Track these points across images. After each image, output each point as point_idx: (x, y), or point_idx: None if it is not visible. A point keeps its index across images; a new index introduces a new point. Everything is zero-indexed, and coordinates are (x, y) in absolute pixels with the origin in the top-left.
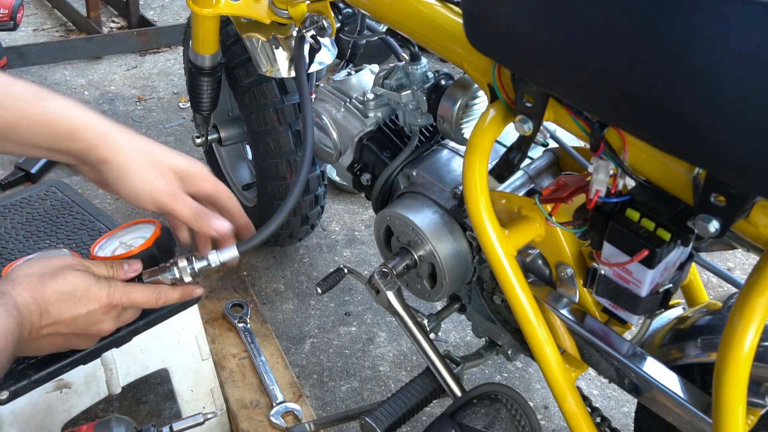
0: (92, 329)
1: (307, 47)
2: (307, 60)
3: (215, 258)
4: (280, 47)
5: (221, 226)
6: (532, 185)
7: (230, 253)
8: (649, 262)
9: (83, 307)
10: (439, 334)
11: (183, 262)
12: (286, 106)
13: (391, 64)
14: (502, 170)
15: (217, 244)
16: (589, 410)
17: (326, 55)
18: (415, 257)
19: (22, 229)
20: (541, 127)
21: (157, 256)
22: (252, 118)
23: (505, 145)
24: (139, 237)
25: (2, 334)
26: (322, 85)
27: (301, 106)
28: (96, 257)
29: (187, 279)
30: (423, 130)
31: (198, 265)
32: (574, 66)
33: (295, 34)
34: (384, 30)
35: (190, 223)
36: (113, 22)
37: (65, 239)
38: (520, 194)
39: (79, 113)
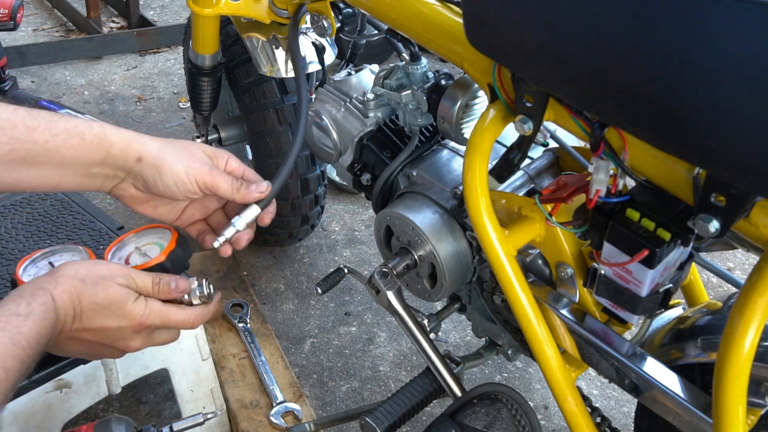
0: (119, 344)
1: (306, 45)
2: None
3: (240, 222)
4: (280, 47)
5: (260, 188)
6: (532, 185)
7: (252, 212)
8: (649, 262)
9: (114, 322)
10: (439, 334)
11: (194, 284)
12: (286, 106)
13: (391, 64)
14: (502, 170)
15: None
16: (589, 410)
17: (326, 54)
18: (415, 257)
19: (22, 229)
20: (541, 127)
21: (170, 271)
22: (252, 118)
23: (505, 145)
24: (154, 243)
25: (35, 337)
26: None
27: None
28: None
29: (196, 302)
30: (423, 130)
31: (228, 233)
32: (574, 66)
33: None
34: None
35: (230, 195)
36: (113, 22)
37: (65, 239)
38: (520, 194)
39: (103, 123)
